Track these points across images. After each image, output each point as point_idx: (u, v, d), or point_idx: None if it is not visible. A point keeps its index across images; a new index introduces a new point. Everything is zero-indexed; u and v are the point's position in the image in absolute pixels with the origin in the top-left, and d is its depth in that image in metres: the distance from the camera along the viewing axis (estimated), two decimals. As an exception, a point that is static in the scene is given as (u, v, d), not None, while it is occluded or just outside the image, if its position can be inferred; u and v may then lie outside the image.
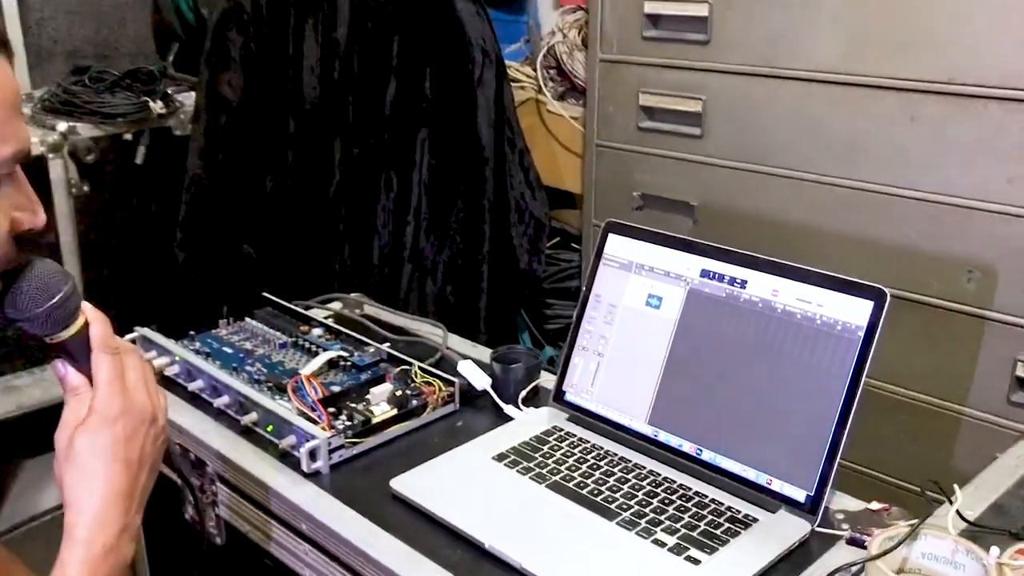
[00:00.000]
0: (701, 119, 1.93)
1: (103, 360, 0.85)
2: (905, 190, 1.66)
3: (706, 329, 1.16)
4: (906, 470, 1.70)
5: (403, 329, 1.54)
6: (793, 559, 1.00)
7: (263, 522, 1.17)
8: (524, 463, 1.15)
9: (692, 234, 1.87)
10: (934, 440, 1.70)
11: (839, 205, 1.75)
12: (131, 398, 0.86)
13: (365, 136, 2.04)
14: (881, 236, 1.70)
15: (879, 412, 1.72)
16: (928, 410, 1.70)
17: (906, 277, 1.67)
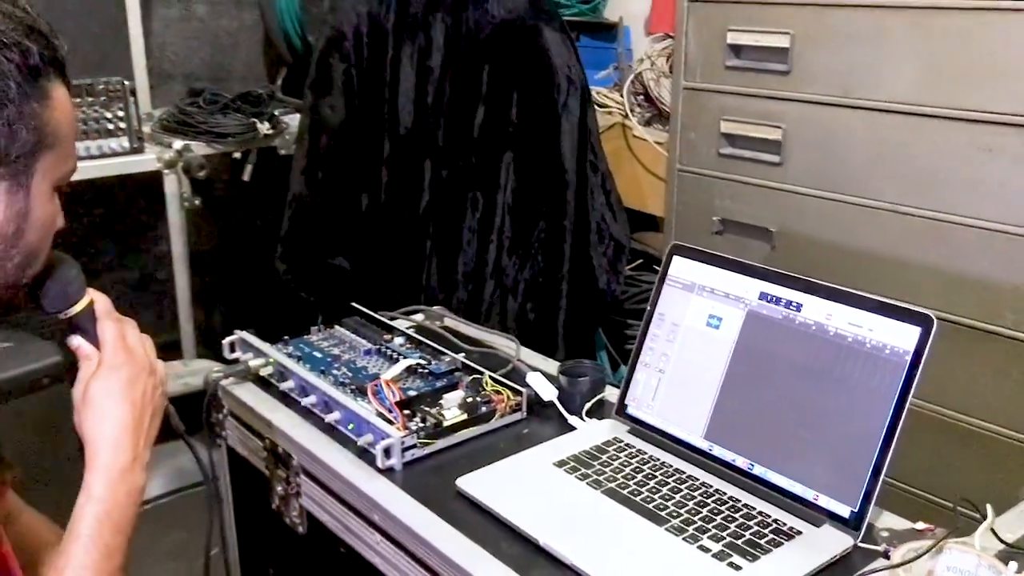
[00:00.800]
0: (780, 147, 1.97)
1: (107, 325, 1.04)
2: (980, 220, 1.67)
3: (762, 349, 1.21)
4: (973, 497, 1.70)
5: (479, 341, 1.63)
6: (834, 572, 1.04)
7: (341, 513, 1.27)
8: (583, 470, 1.22)
9: (769, 259, 1.92)
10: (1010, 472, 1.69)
11: (914, 234, 1.77)
12: (132, 352, 1.04)
13: (454, 159, 2.15)
14: (955, 266, 1.71)
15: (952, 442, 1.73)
16: (1002, 442, 1.70)
17: (981, 307, 1.68)
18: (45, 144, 0.89)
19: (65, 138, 0.91)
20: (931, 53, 1.70)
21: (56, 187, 0.93)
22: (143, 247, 2.76)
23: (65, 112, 0.91)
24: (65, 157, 0.92)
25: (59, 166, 0.91)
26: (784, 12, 1.90)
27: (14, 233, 0.88)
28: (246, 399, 1.44)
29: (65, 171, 0.93)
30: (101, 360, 1.02)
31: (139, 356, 1.05)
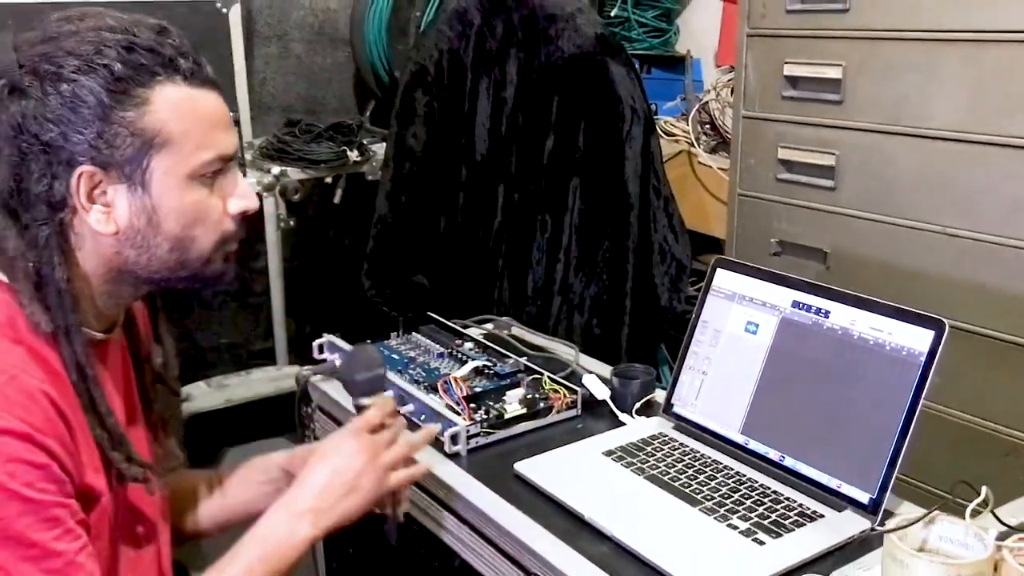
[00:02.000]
0: (834, 172, 2.07)
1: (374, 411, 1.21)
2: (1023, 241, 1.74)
3: (794, 352, 1.32)
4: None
5: (542, 348, 1.78)
6: (851, 550, 1.15)
7: (412, 492, 1.42)
8: (628, 459, 1.35)
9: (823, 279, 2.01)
10: None
11: (960, 254, 1.85)
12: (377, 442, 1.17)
13: (525, 183, 2.31)
14: (1000, 284, 1.79)
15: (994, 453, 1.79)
16: None
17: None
18: (154, 145, 0.98)
19: (183, 134, 0.99)
20: (978, 83, 1.78)
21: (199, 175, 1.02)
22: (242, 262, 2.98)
23: (178, 110, 0.99)
24: (193, 150, 1.00)
25: (186, 160, 1.00)
26: (837, 45, 2.01)
27: (148, 224, 1.00)
28: (332, 393, 1.62)
29: (200, 161, 1.01)
30: (354, 423, 1.18)
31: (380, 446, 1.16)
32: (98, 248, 1.01)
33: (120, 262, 1.02)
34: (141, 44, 0.98)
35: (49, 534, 0.91)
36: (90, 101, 0.95)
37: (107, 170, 0.98)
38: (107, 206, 0.99)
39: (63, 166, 0.96)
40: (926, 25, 1.84)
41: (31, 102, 0.95)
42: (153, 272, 1.04)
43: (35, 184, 0.96)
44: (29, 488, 0.89)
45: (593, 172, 2.26)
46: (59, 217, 0.98)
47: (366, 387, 1.25)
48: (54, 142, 0.95)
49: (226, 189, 1.06)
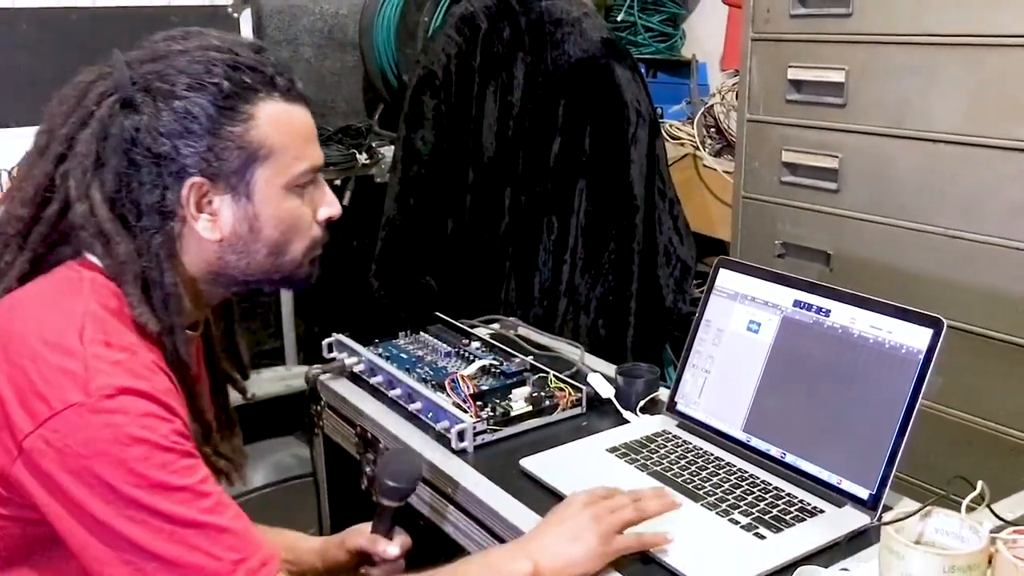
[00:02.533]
0: (837, 175, 2.09)
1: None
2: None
3: (795, 351, 1.35)
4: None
5: (547, 347, 1.80)
6: (851, 544, 1.16)
7: (420, 488, 1.44)
8: (632, 455, 1.38)
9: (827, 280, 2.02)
10: None
11: (961, 256, 1.86)
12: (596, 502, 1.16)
13: (531, 185, 2.34)
14: (1000, 286, 1.80)
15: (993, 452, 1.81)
16: None
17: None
18: (257, 158, 1.05)
19: (282, 147, 1.06)
20: (979, 86, 1.80)
21: (294, 185, 1.09)
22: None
23: (278, 124, 1.06)
24: (290, 161, 1.08)
25: (284, 171, 1.07)
26: (840, 49, 2.04)
27: (249, 231, 1.08)
28: (341, 391, 1.64)
29: (296, 172, 1.08)
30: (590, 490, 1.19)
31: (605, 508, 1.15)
32: (202, 253, 1.08)
33: (221, 266, 1.09)
34: (245, 63, 1.05)
35: (194, 478, 0.95)
36: (201, 117, 1.02)
37: (214, 181, 1.04)
38: (213, 214, 1.06)
39: (174, 177, 1.03)
40: (928, 29, 1.86)
41: (144, 117, 1.02)
42: (249, 275, 1.11)
43: (147, 194, 1.03)
44: (166, 439, 0.94)
45: (599, 174, 2.29)
46: (169, 225, 1.05)
47: (393, 494, 1.25)
48: (167, 155, 1.02)
49: (315, 198, 1.13)
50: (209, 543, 0.94)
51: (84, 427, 0.91)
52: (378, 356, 1.68)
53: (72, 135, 1.03)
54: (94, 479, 0.91)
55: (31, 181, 1.05)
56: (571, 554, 1.10)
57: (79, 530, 0.93)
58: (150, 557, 0.92)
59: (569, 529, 1.12)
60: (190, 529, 0.93)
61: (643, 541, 1.14)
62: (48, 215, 1.04)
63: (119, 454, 0.91)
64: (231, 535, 0.96)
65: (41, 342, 0.95)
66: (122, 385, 0.93)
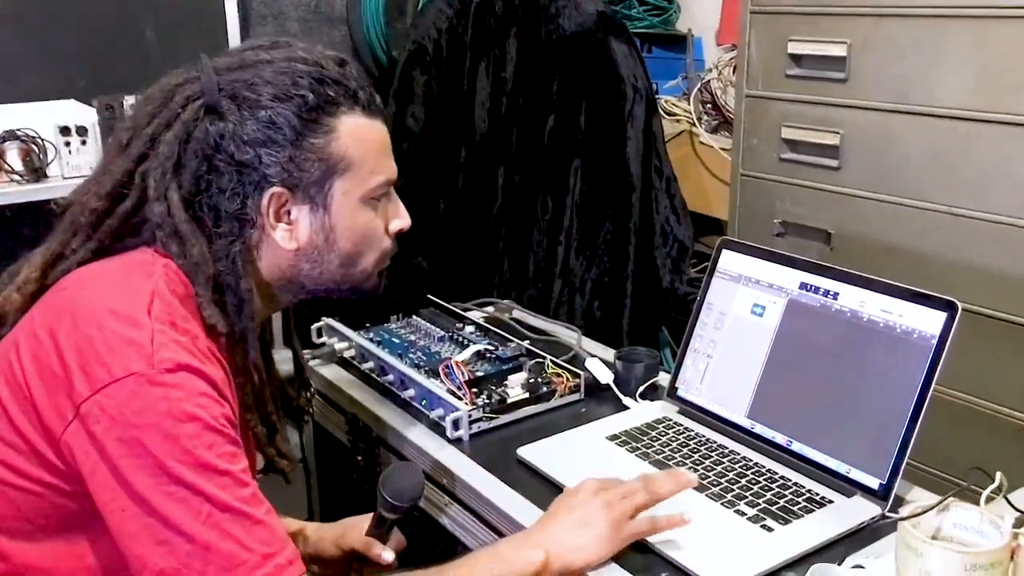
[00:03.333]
0: (839, 152, 2.04)
1: None
2: (1032, 222, 1.72)
3: (801, 335, 1.30)
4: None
5: (544, 331, 1.75)
6: (862, 537, 1.13)
7: (414, 478, 1.40)
8: (633, 443, 1.33)
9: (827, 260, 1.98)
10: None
11: (967, 235, 1.82)
12: (606, 489, 1.12)
13: (525, 164, 2.28)
14: (1007, 266, 1.76)
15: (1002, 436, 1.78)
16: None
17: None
18: (336, 170, 1.06)
19: (361, 160, 1.07)
20: (985, 61, 1.75)
21: (370, 197, 1.10)
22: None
23: (358, 138, 1.07)
24: (367, 175, 1.08)
25: (361, 184, 1.08)
26: (842, 22, 1.98)
27: (325, 241, 1.08)
28: (331, 377, 1.60)
29: (372, 185, 1.09)
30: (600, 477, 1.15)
31: (616, 494, 1.10)
32: (276, 261, 1.09)
33: (294, 274, 1.10)
34: (330, 76, 1.06)
35: (236, 466, 0.94)
36: (284, 127, 1.03)
37: (294, 191, 1.05)
38: (291, 224, 1.07)
39: (255, 186, 1.04)
40: (932, 1, 1.80)
41: (229, 124, 1.03)
42: (320, 284, 1.12)
43: (227, 201, 1.03)
44: (216, 421, 0.94)
45: (594, 152, 2.24)
46: (248, 232, 1.05)
47: (392, 510, 1.21)
48: (249, 163, 1.03)
49: (388, 210, 1.15)
50: (243, 532, 0.93)
51: (141, 396, 0.91)
52: (369, 341, 1.63)
53: (156, 135, 1.04)
54: (142, 449, 0.90)
55: (109, 176, 1.05)
56: (581, 542, 1.07)
57: (118, 502, 0.91)
58: (184, 539, 0.91)
59: (579, 517, 1.08)
60: (227, 514, 0.92)
61: (656, 525, 1.10)
62: (121, 210, 1.05)
63: (171, 428, 0.91)
64: (264, 528, 0.94)
65: (109, 312, 0.95)
66: (184, 362, 0.94)
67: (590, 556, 1.06)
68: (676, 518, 1.10)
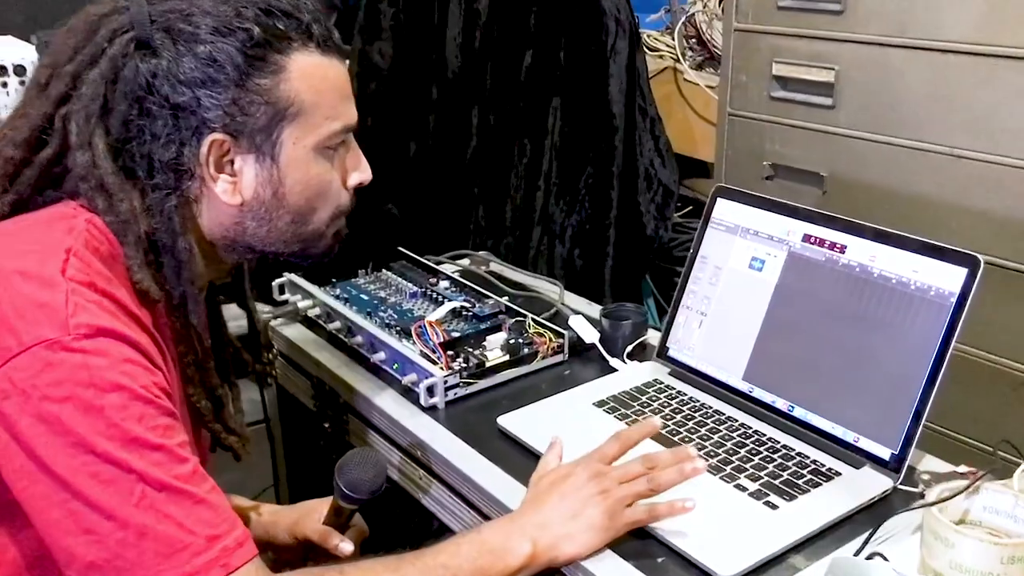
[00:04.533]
0: (833, 89, 1.92)
1: (599, 451, 1.05)
2: (1040, 164, 1.62)
3: (804, 291, 1.20)
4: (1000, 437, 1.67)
5: (524, 285, 1.64)
6: (873, 513, 1.04)
7: (387, 449, 1.30)
8: (622, 409, 1.23)
9: (820, 205, 1.88)
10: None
11: (971, 179, 1.72)
12: (601, 474, 1.01)
13: (501, 103, 2.14)
14: (1013, 210, 1.67)
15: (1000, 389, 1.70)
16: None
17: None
18: (286, 116, 0.95)
19: (314, 104, 0.96)
20: (994, -11, 1.63)
21: (324, 147, 0.98)
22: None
23: (311, 78, 0.95)
24: (322, 121, 0.97)
25: (315, 131, 0.97)
26: (839, -51, 1.85)
27: (273, 196, 0.97)
28: (295, 339, 1.48)
29: (327, 132, 0.98)
30: (594, 453, 1.05)
31: (612, 479, 1.01)
32: (218, 217, 0.98)
33: (238, 232, 0.99)
34: (280, 7, 0.94)
35: (173, 439, 0.85)
36: (226, 65, 0.92)
37: (238, 139, 0.94)
38: (234, 176, 0.96)
39: (193, 132, 0.93)
40: (937, -74, 1.68)
41: (163, 61, 0.91)
42: (268, 244, 1.01)
43: (161, 149, 0.92)
44: (147, 391, 0.84)
45: (575, 91, 2.10)
46: (185, 185, 0.94)
47: (349, 502, 1.12)
48: (186, 106, 0.92)
49: (345, 161, 1.04)
50: (183, 513, 0.83)
51: (57, 366, 0.80)
52: (335, 299, 1.52)
53: (78, 74, 0.92)
54: (61, 426, 0.80)
55: (27, 120, 0.94)
56: (573, 532, 0.97)
57: (38, 488, 0.81)
58: (115, 524, 0.81)
59: (572, 505, 0.98)
60: (163, 493, 0.82)
61: (655, 513, 1.00)
62: (41, 159, 0.93)
63: (93, 399, 0.81)
64: (207, 508, 0.85)
65: (18, 273, 0.85)
66: (105, 326, 0.83)
67: (581, 548, 0.97)
68: (677, 504, 1.00)
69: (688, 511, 0.99)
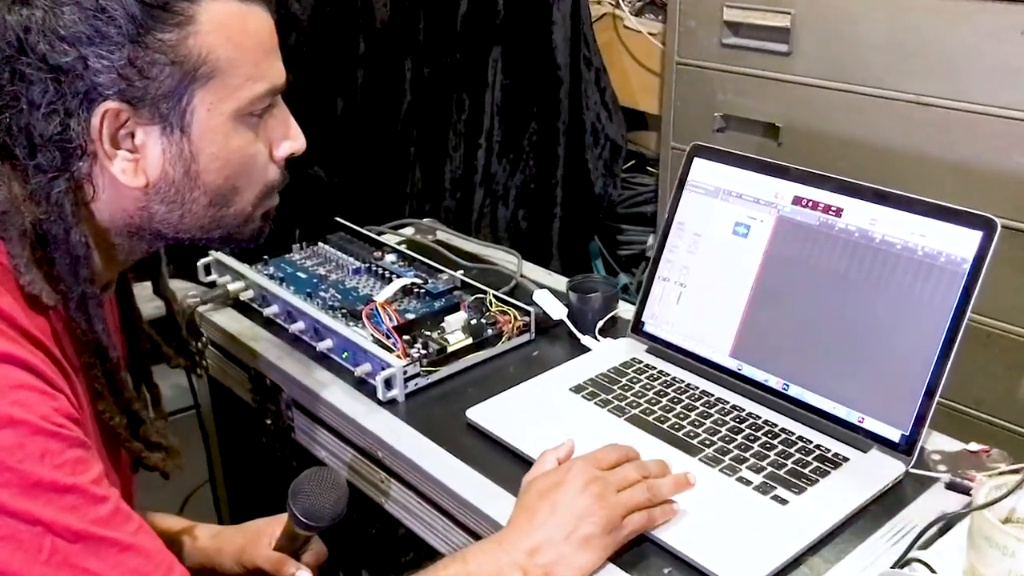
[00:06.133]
0: (789, 35, 1.83)
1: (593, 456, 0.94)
2: (1011, 111, 1.55)
3: (797, 259, 1.10)
4: (1005, 410, 1.63)
5: (476, 256, 1.51)
6: (886, 501, 0.95)
7: (339, 449, 1.16)
8: (602, 395, 1.12)
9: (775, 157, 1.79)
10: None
11: (936, 127, 1.65)
12: (599, 481, 0.90)
13: (436, 55, 1.98)
14: (982, 160, 1.60)
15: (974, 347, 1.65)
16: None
17: (1007, 204, 1.57)
18: (197, 77, 0.79)
19: (233, 62, 0.80)
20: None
21: (247, 113, 0.83)
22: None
23: (228, 30, 0.80)
24: (243, 82, 0.81)
25: (234, 95, 0.81)
26: None
27: (185, 174, 0.82)
28: (227, 326, 1.33)
29: (251, 96, 0.82)
30: (587, 457, 0.94)
31: (611, 486, 0.89)
32: (118, 202, 0.82)
33: (144, 219, 0.84)
34: None
35: (85, 476, 0.71)
36: (119, 17, 0.75)
37: (137, 107, 0.78)
38: (135, 152, 0.80)
39: (81, 100, 0.76)
40: None
41: (36, 12, 0.74)
42: (182, 231, 0.86)
43: (43, 122, 0.76)
44: (47, 421, 0.70)
45: (516, 40, 1.95)
46: (76, 166, 0.78)
47: (306, 529, 0.99)
48: (70, 68, 0.75)
49: (273, 129, 0.88)
50: (107, 567, 0.71)
51: None
52: (269, 279, 1.36)
53: None
54: None
55: None
56: (567, 553, 0.85)
57: None
58: None
59: (564, 518, 0.86)
60: (78, 545, 0.69)
61: (653, 517, 0.90)
62: None
63: None
64: (135, 554, 0.72)
65: None
66: None
67: (578, 571, 0.85)
68: (669, 507, 0.90)
69: (676, 513, 0.91)
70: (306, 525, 0.95)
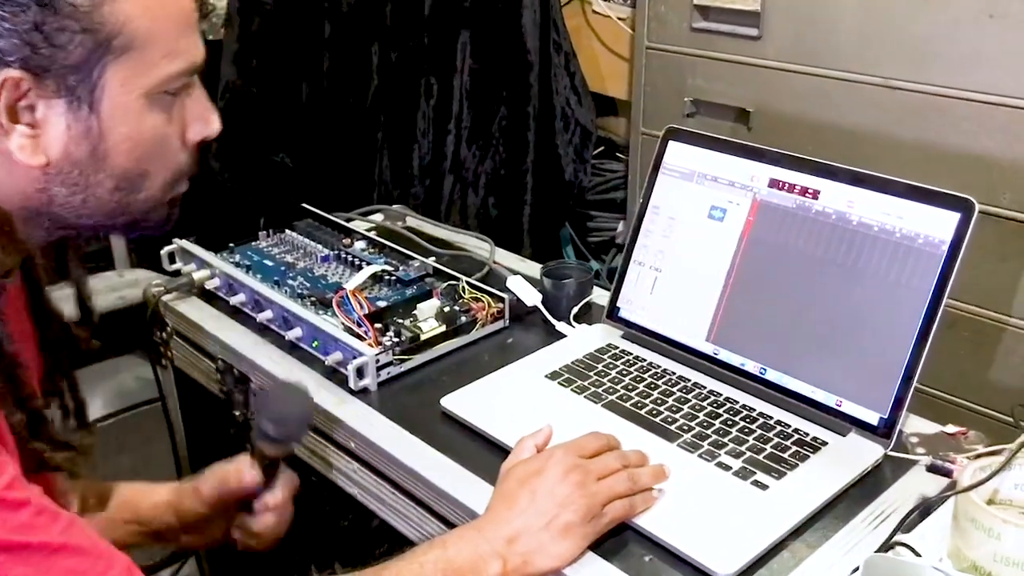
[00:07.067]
0: (759, 19, 1.82)
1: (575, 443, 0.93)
2: (980, 94, 1.55)
3: (773, 242, 1.09)
4: (976, 393, 1.64)
5: (448, 242, 1.49)
6: (866, 484, 0.95)
7: (311, 439, 1.14)
8: (579, 381, 1.11)
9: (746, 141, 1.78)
10: (1008, 361, 1.63)
11: (907, 111, 1.65)
12: (580, 469, 0.89)
13: (403, 39, 1.95)
14: (951, 144, 1.60)
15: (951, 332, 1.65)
16: (1000, 329, 1.63)
17: (977, 187, 1.57)
18: (111, 49, 0.73)
19: (150, 35, 0.75)
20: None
21: (161, 91, 0.77)
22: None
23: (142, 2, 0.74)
24: (159, 59, 0.76)
25: (149, 71, 0.76)
26: None
27: (90, 155, 0.76)
28: (193, 316, 1.29)
29: (166, 74, 0.77)
30: (568, 444, 0.92)
31: (592, 474, 0.88)
32: (14, 182, 0.76)
33: (43, 201, 0.78)
34: None
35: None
36: None
37: (41, 78, 0.72)
38: (35, 127, 0.74)
39: None
40: None
41: None
42: (84, 217, 0.80)
43: None
44: None
45: (485, 24, 1.92)
46: None
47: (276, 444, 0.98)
48: None
49: (187, 110, 0.82)
50: (37, 572, 0.66)
51: None
52: (235, 267, 1.33)
53: None
54: None
55: None
56: (546, 542, 0.84)
57: None
58: None
59: (543, 507, 0.85)
60: (2, 556, 0.65)
61: (633, 506, 0.88)
62: None
63: None
64: (68, 554, 0.68)
65: None
66: None
67: (556, 561, 0.84)
68: (650, 495, 0.89)
69: (655, 500, 0.90)
70: (275, 439, 0.95)
